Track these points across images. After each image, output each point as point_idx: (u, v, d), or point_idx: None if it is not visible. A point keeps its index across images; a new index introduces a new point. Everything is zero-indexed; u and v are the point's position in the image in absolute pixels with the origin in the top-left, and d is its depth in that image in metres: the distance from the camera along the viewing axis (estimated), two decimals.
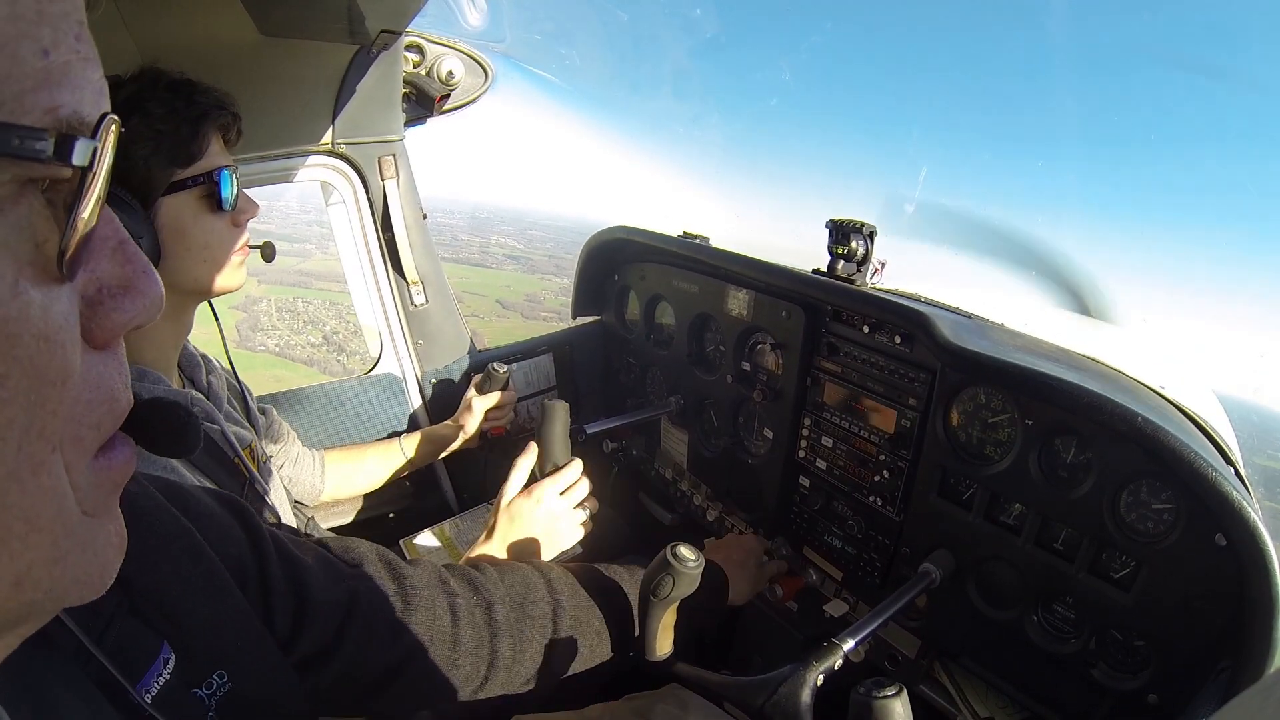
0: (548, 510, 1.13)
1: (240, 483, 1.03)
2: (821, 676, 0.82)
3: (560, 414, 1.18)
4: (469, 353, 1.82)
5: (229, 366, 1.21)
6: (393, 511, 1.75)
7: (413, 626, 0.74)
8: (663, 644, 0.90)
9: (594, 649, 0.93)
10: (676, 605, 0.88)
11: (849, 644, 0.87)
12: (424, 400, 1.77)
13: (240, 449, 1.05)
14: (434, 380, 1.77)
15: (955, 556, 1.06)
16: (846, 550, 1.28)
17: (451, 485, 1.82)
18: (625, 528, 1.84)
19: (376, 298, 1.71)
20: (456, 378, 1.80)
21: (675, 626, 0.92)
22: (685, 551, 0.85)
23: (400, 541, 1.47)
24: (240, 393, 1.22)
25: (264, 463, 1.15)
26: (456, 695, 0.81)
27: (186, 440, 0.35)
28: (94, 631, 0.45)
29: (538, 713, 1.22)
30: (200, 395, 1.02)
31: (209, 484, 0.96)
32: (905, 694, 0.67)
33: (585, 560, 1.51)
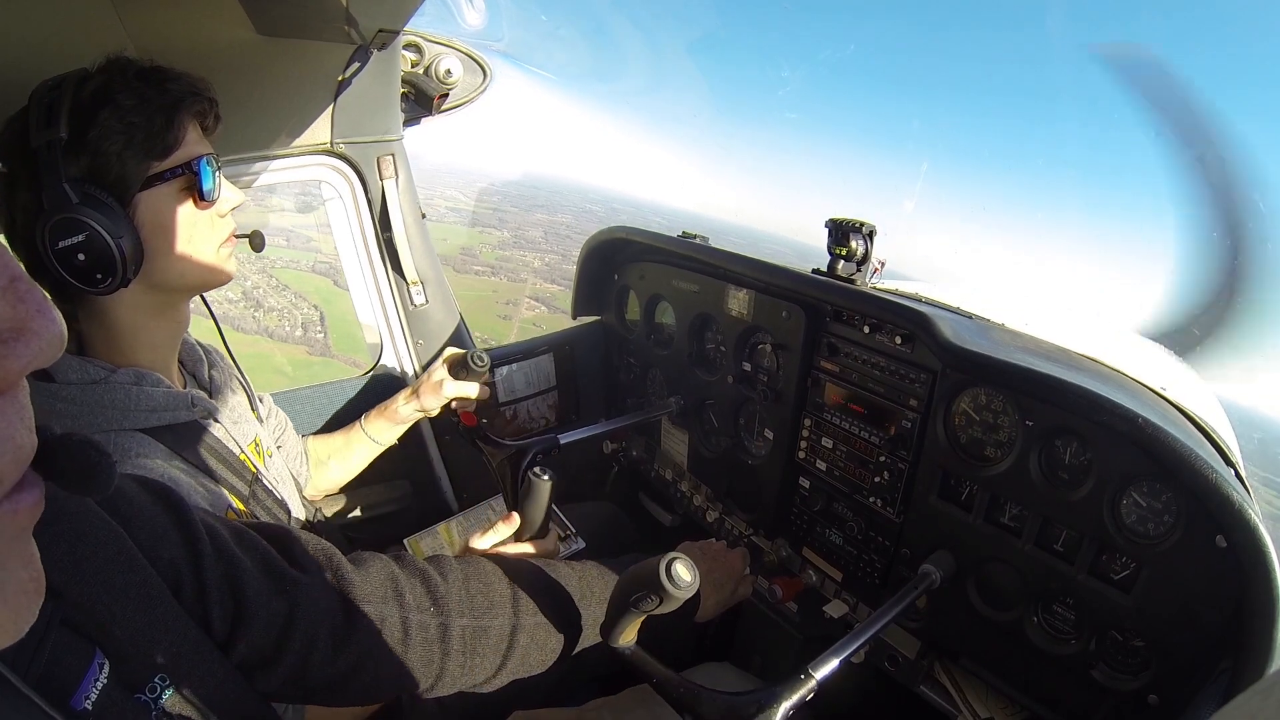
0: None
1: (246, 479, 1.02)
2: (792, 710, 0.80)
3: (543, 494, 1.15)
4: None
5: (230, 359, 1.20)
6: (394, 511, 1.75)
7: (356, 643, 0.72)
8: (627, 635, 0.85)
9: (547, 659, 0.91)
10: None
11: (822, 672, 0.85)
12: None
13: (245, 444, 1.04)
14: None
15: (955, 558, 1.06)
16: (846, 551, 1.28)
17: (451, 485, 1.82)
18: (630, 524, 1.84)
19: (376, 297, 1.71)
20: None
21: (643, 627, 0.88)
22: (684, 572, 0.74)
23: (405, 540, 1.47)
24: (243, 385, 1.21)
25: (270, 456, 1.14)
26: (402, 693, 0.80)
27: (97, 481, 0.34)
28: (29, 644, 0.44)
29: (538, 709, 1.23)
30: (201, 393, 1.01)
31: (212, 484, 0.95)
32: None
33: (588, 556, 1.51)
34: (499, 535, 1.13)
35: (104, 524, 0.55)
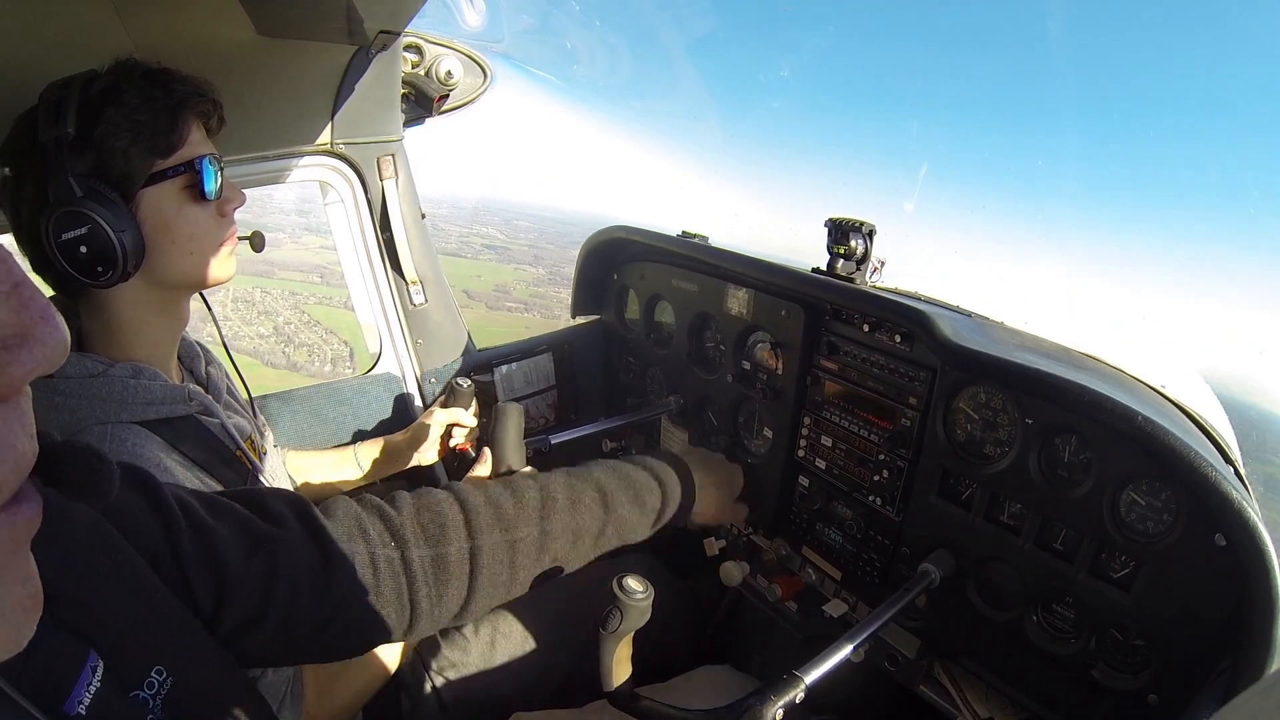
0: None
1: (243, 475, 1.02)
2: (781, 711, 0.81)
3: (513, 417, 1.14)
4: (467, 352, 1.82)
5: (227, 358, 1.21)
6: None
7: (335, 584, 0.73)
8: (619, 675, 0.87)
9: (517, 576, 0.88)
10: (630, 636, 0.85)
11: (813, 675, 0.85)
12: (423, 399, 1.77)
13: (241, 440, 1.05)
14: (433, 379, 1.77)
15: (955, 557, 1.06)
16: (846, 550, 1.28)
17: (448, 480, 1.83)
18: None
19: (376, 297, 1.71)
20: (455, 376, 1.80)
21: (632, 658, 0.90)
22: (633, 583, 0.82)
23: None
24: (240, 383, 1.22)
25: (265, 454, 1.14)
26: (387, 639, 0.80)
27: (99, 488, 0.33)
28: (23, 651, 0.44)
29: (538, 710, 1.23)
30: (198, 388, 1.02)
31: (209, 479, 0.95)
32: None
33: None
34: (474, 479, 1.14)
35: (83, 513, 0.55)
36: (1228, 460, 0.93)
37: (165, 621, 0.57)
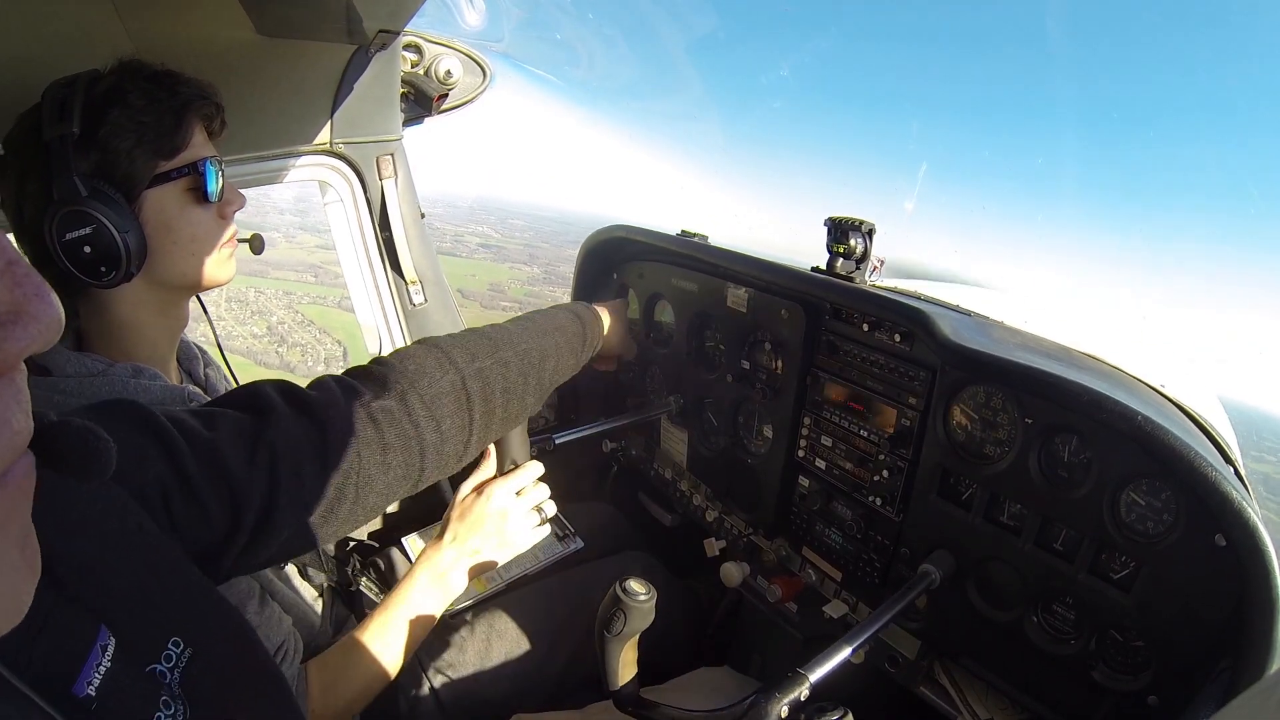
0: (498, 508, 1.11)
1: None
2: (786, 709, 0.81)
3: None
4: None
5: (221, 359, 1.21)
6: (392, 510, 1.75)
7: (337, 449, 0.74)
8: (623, 676, 0.89)
9: (513, 401, 0.96)
10: (635, 638, 0.87)
11: (817, 673, 0.85)
12: None
13: None
14: None
15: (955, 557, 1.06)
16: (846, 550, 1.28)
17: (450, 484, 1.82)
18: (628, 524, 1.84)
19: (375, 297, 1.71)
20: None
21: (638, 657, 0.91)
22: (635, 585, 0.83)
23: (403, 539, 1.47)
24: (237, 385, 1.22)
25: None
26: (401, 489, 0.82)
27: (96, 466, 0.33)
28: (30, 633, 0.41)
29: (538, 711, 1.23)
30: (197, 390, 1.02)
31: None
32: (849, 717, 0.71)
33: (584, 557, 1.51)
34: (482, 475, 1.17)
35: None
36: (1228, 460, 0.93)
37: (181, 590, 0.56)
